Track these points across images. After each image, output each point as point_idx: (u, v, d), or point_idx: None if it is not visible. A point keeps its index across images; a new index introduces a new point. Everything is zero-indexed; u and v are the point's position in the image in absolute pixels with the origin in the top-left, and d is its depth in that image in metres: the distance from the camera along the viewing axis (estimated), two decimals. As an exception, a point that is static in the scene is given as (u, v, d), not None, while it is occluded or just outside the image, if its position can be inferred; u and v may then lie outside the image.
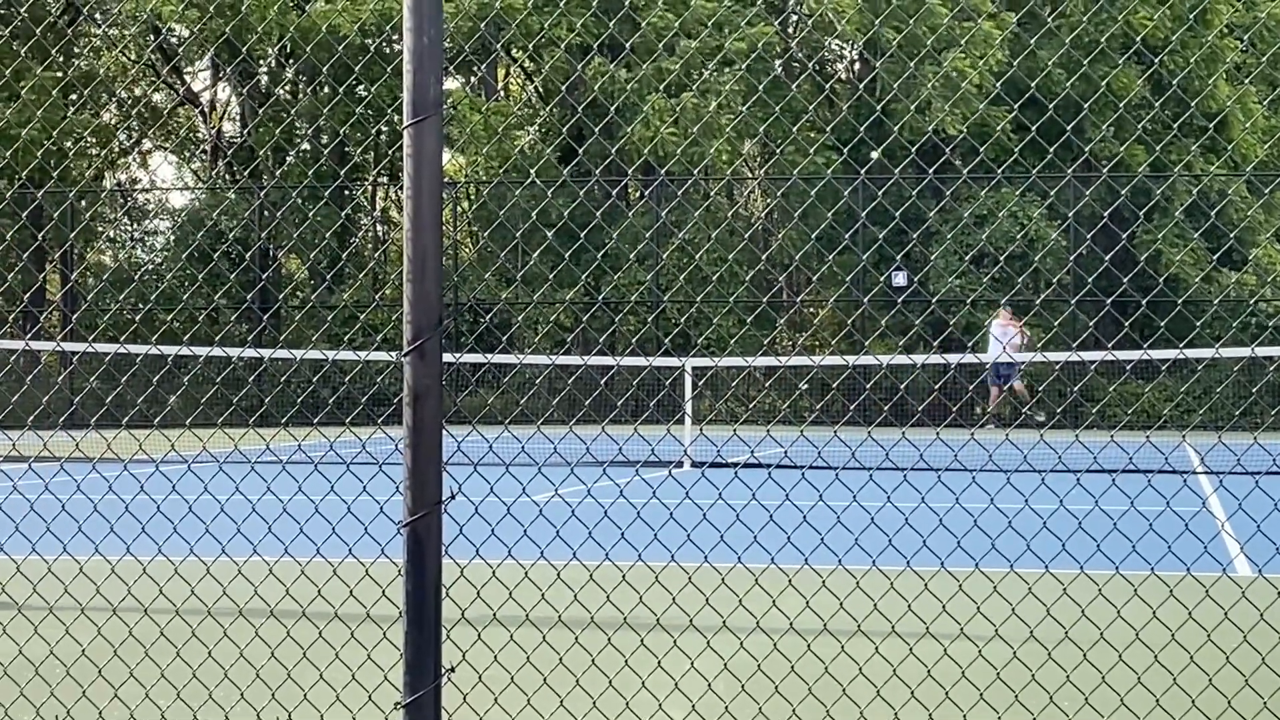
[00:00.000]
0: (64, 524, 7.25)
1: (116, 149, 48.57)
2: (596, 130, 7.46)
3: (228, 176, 49.11)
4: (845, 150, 7.23)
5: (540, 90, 48.04)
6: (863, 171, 32.10)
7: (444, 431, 4.79)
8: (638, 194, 44.88)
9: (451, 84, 46.46)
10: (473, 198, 45.55)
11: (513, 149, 42.83)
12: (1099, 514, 6.74)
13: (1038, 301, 7.55)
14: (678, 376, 26.95)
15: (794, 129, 38.53)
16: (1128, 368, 34.65)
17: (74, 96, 41.92)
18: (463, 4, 40.01)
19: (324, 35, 37.90)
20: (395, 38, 40.85)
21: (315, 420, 6.46)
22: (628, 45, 38.64)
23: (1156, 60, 22.90)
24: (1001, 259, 9.04)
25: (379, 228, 50.22)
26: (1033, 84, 11.88)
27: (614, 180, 40.37)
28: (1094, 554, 6.62)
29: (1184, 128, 40.85)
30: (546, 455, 6.37)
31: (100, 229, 47.16)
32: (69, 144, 42.40)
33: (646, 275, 40.23)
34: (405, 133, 4.72)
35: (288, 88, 47.17)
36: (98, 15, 46.08)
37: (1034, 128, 6.22)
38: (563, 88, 41.32)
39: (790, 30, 44.07)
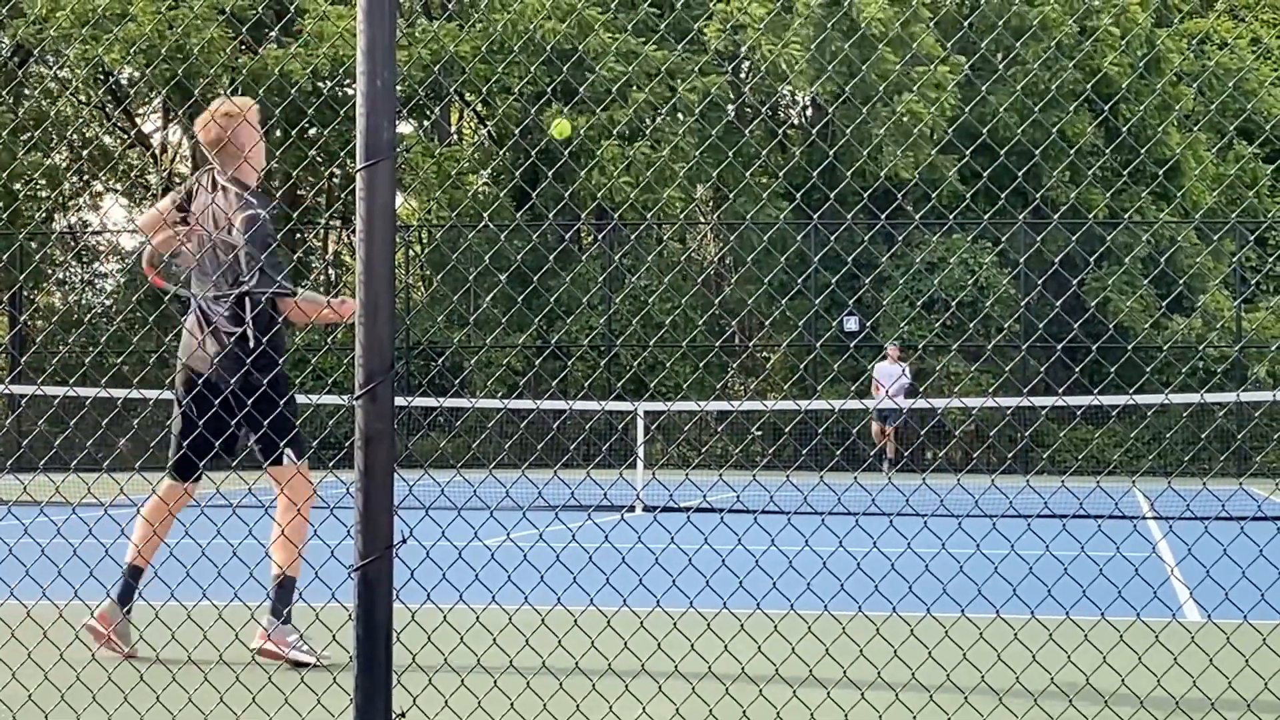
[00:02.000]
0: (11, 568, 7.20)
1: (67, 191, 48.39)
2: (550, 175, 7.48)
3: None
4: (798, 196, 7.25)
5: (493, 134, 48.09)
6: (815, 217, 32.16)
7: (395, 475, 4.78)
8: (590, 238, 44.92)
9: (405, 128, 46.46)
10: (425, 241, 45.52)
11: (466, 193, 42.84)
12: (1049, 559, 6.75)
13: (989, 347, 7.58)
14: (630, 420, 26.95)
15: (746, 175, 38.63)
16: (1078, 413, 34.78)
17: (24, 138, 41.77)
18: (416, 50, 40.03)
19: (276, 78, 37.87)
20: (349, 81, 40.84)
21: (265, 464, 6.43)
22: (580, 91, 38.72)
23: (1107, 107, 23.12)
24: (953, 305, 9.08)
25: (331, 271, 50.12)
26: (984, 130, 11.96)
27: (567, 225, 40.42)
28: (1044, 599, 6.64)
29: (1135, 174, 41.13)
30: (498, 499, 6.37)
31: (50, 271, 46.95)
32: (18, 186, 42.21)
33: (599, 320, 40.24)
34: (358, 176, 4.72)
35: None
36: (49, 57, 45.95)
37: (985, 174, 6.25)
38: (515, 132, 41.36)
39: (743, 76, 44.23)
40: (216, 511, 6.79)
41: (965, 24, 41.36)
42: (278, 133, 43.30)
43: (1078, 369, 5.59)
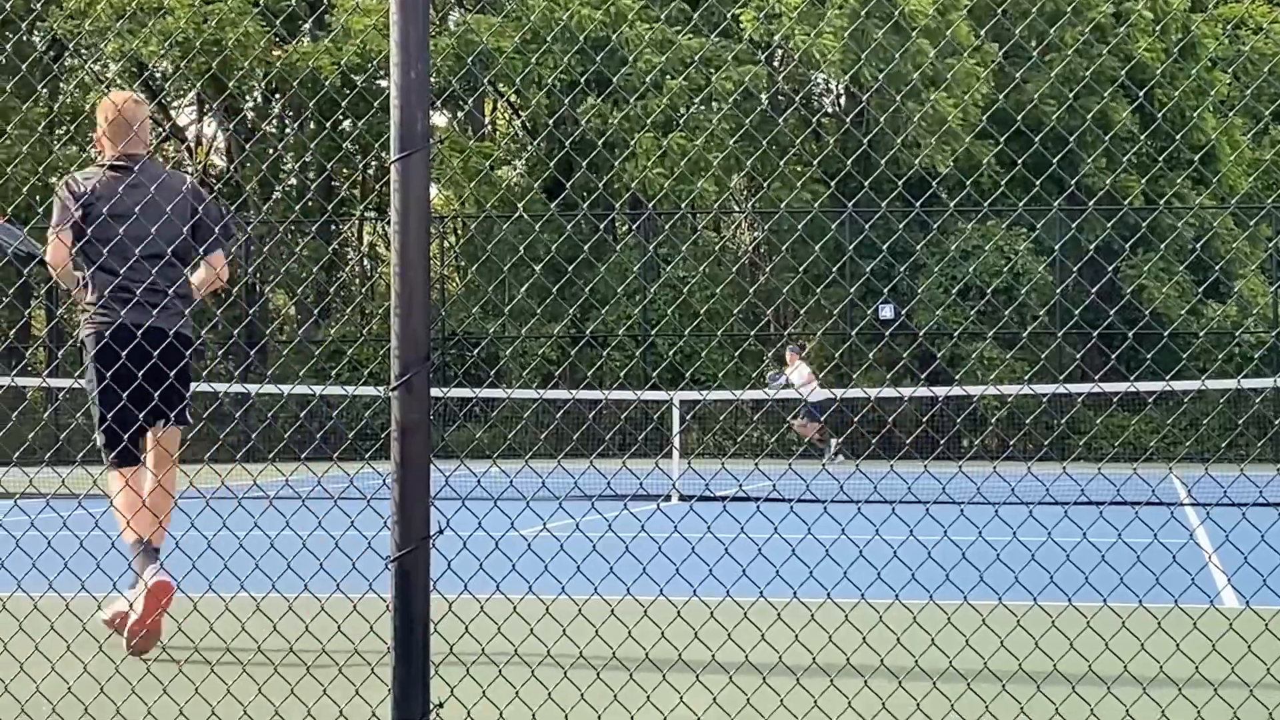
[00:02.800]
0: (50, 560, 7.23)
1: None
2: (584, 165, 7.48)
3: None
4: (833, 184, 7.24)
5: (527, 125, 48.10)
6: (850, 205, 32.11)
7: (431, 466, 4.79)
8: (625, 228, 44.92)
9: (438, 119, 46.50)
10: (460, 232, 45.57)
11: (500, 184, 42.87)
12: (1086, 546, 6.74)
13: (1024, 334, 7.56)
14: (666, 410, 26.94)
15: (781, 163, 38.58)
16: (1114, 400, 34.67)
17: (60, 131, 41.91)
18: (448, 41, 40.05)
19: (310, 72, 37.94)
20: (382, 73, 40.89)
21: (302, 456, 6.45)
22: (614, 82, 38.71)
23: (1142, 93, 22.98)
24: (988, 292, 9.07)
25: (366, 262, 50.22)
26: (1018, 117, 11.91)
27: (602, 215, 40.41)
28: (1081, 586, 6.61)
29: (1171, 160, 40.96)
30: (535, 489, 6.37)
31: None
32: (53, 179, 42.38)
33: (635, 309, 40.22)
34: (392, 168, 4.72)
35: (274, 123, 47.21)
36: (83, 51, 46.10)
37: (1020, 161, 6.23)
38: (549, 123, 41.37)
39: (777, 64, 44.17)
40: (253, 503, 6.81)
41: (1000, 10, 41.25)
42: (312, 125, 43.40)
43: (1114, 355, 5.56)
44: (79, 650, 7.08)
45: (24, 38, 43.34)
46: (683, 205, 39.90)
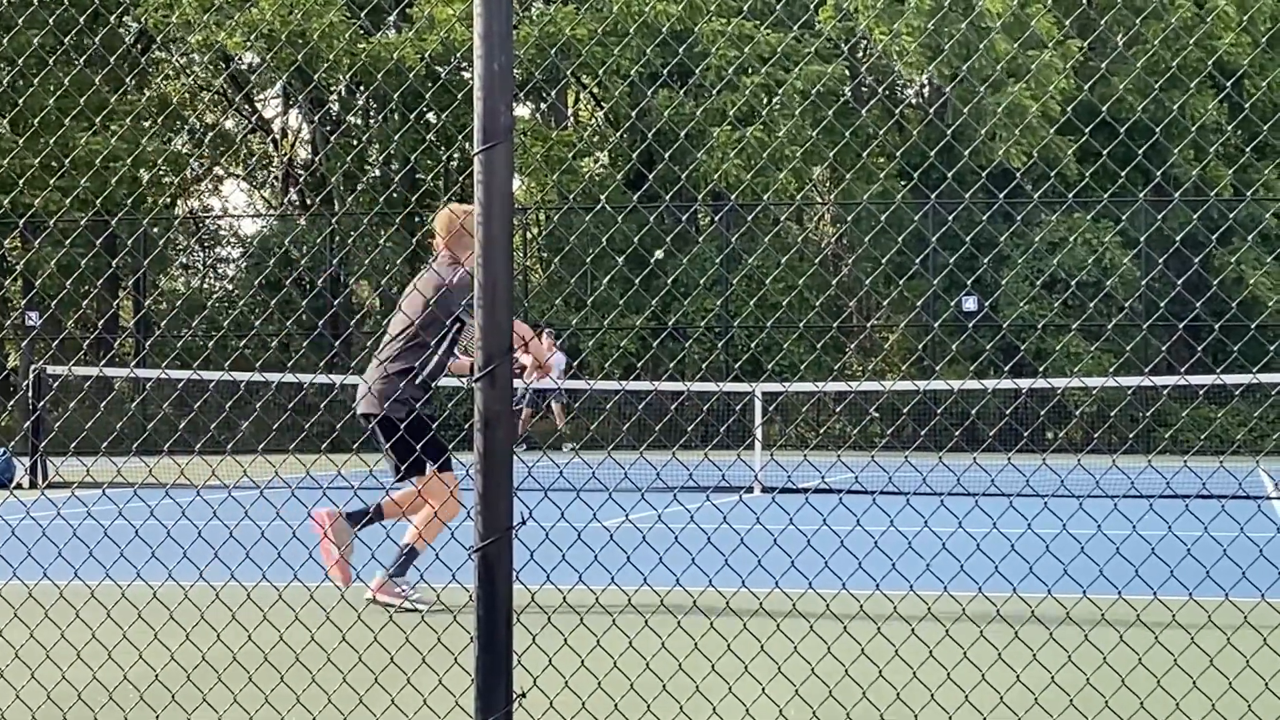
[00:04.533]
0: (137, 549, 7.30)
1: (189, 176, 48.93)
2: (665, 157, 7.47)
3: (299, 203, 49.41)
4: (915, 176, 7.21)
5: (609, 117, 48.15)
6: (933, 196, 31.97)
7: (515, 457, 4.81)
8: (707, 220, 44.90)
9: (521, 111, 46.62)
10: (542, 224, 45.68)
11: (581, 176, 42.95)
12: (1172, 539, 6.69)
13: (1109, 326, 7.52)
14: (748, 402, 26.91)
15: (863, 155, 38.47)
16: (1201, 392, 34.40)
17: (147, 124, 42.26)
18: (532, 32, 40.12)
19: (394, 63, 38.10)
20: (465, 65, 41.02)
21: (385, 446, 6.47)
22: (696, 74, 38.70)
23: (1229, 83, 22.81)
24: (1072, 284, 9.01)
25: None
26: (1103, 109, 11.87)
27: (683, 206, 40.40)
28: (1167, 579, 6.58)
29: (1260, 150, 40.59)
30: (617, 480, 6.39)
31: (172, 256, 47.49)
32: (142, 172, 42.74)
33: (716, 301, 40.21)
34: (476, 159, 4.74)
35: (358, 115, 47.44)
36: (170, 44, 46.46)
37: (1105, 153, 6.20)
38: (631, 114, 41.40)
39: (859, 55, 44.04)
40: (336, 494, 6.85)
41: (1086, 2, 40.96)
42: (396, 117, 43.58)
43: (1200, 348, 5.52)
44: (165, 638, 7.15)
45: (114, 29, 43.72)
46: (763, 197, 39.84)
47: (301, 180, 49.19)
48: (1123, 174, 6.22)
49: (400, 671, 6.64)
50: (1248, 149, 39.47)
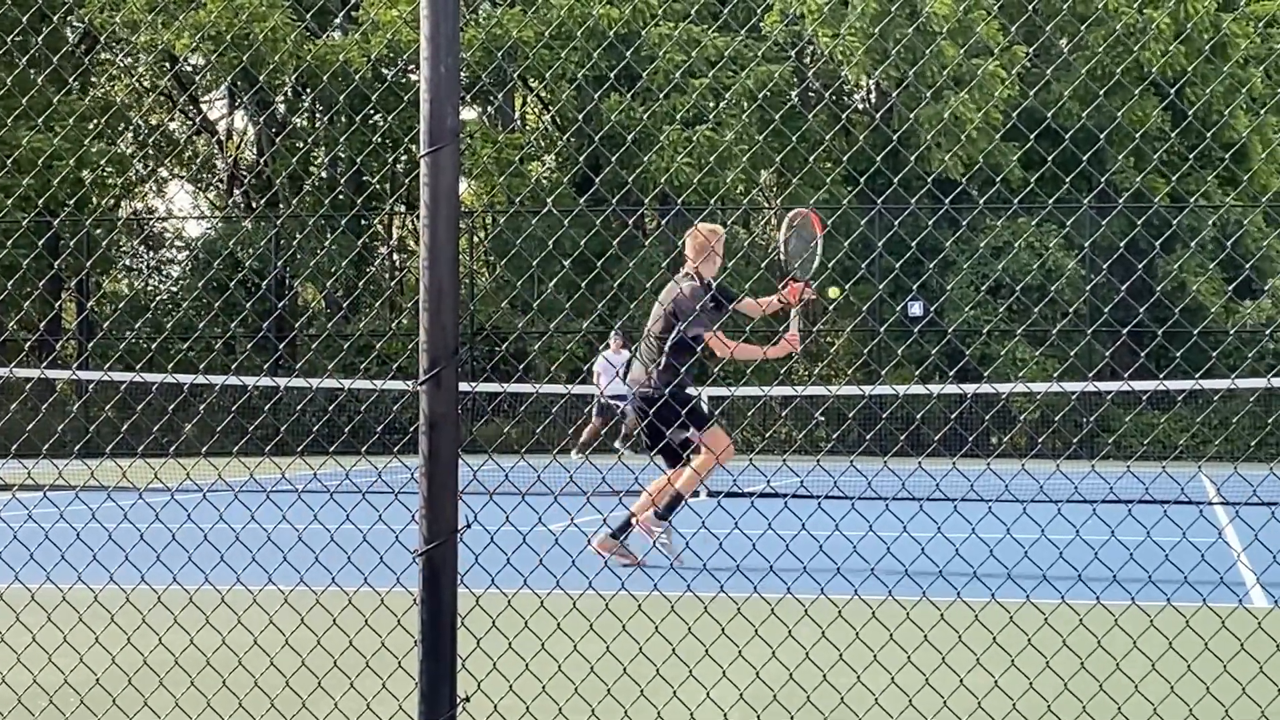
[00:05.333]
0: (78, 552, 7.25)
1: (133, 177, 48.68)
2: (613, 160, 7.47)
3: (244, 205, 49.22)
4: (861, 180, 7.24)
5: (556, 120, 48.12)
6: (879, 202, 32.06)
7: (459, 460, 4.79)
8: (654, 223, 44.91)
9: (468, 114, 46.55)
10: (489, 227, 45.60)
11: (528, 179, 42.91)
12: (1115, 544, 6.72)
13: (1054, 331, 7.54)
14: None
15: (810, 159, 38.54)
16: (1144, 398, 34.58)
17: (91, 125, 42.03)
18: (478, 35, 40.06)
19: (340, 65, 37.98)
20: (412, 67, 40.93)
21: (331, 449, 6.47)
22: (643, 78, 38.72)
23: (1173, 91, 23.03)
24: (1017, 289, 9.06)
25: (395, 256, 50.28)
26: (1049, 115, 11.93)
27: (630, 210, 40.40)
28: (1109, 584, 6.61)
29: (1201, 159, 40.82)
30: (562, 484, 6.38)
31: (116, 257, 47.24)
32: (85, 173, 42.50)
33: (662, 305, 40.13)
34: (422, 162, 4.73)
35: (304, 116, 47.29)
36: (115, 45, 46.22)
37: (1050, 159, 6.22)
38: (579, 118, 41.40)
39: (807, 61, 44.14)
40: (281, 497, 6.82)
41: (1030, 7, 41.13)
42: (342, 119, 43.45)
43: (1144, 353, 5.54)
44: (106, 642, 7.11)
45: (58, 29, 43.46)
46: (711, 201, 39.87)
47: (247, 182, 49.00)
48: (1067, 180, 6.24)
49: (344, 675, 6.61)
50: (1190, 156, 39.72)
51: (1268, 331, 37.63)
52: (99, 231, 43.27)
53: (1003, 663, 6.58)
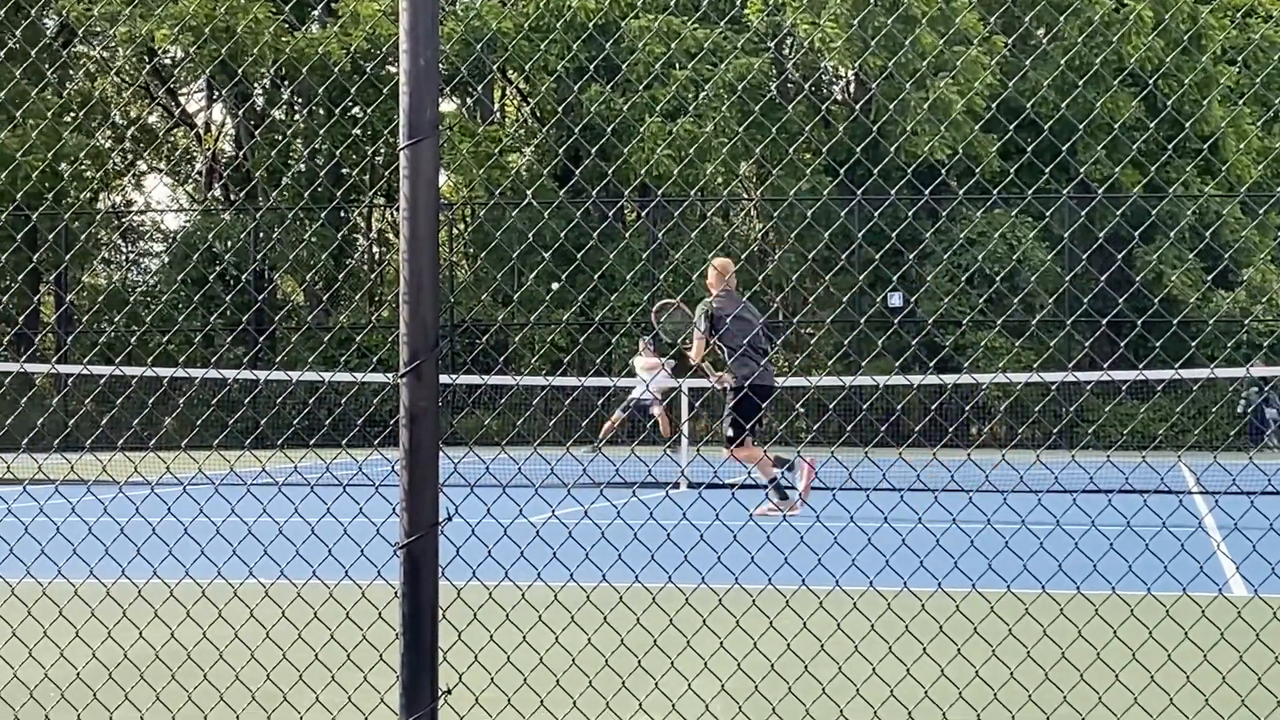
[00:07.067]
0: (59, 546, 7.24)
1: (111, 171, 48.55)
2: (592, 152, 7.48)
3: (223, 198, 49.11)
4: (841, 171, 7.22)
5: (536, 112, 48.10)
6: (859, 193, 32.13)
7: (440, 453, 4.79)
8: (634, 215, 44.91)
9: (447, 106, 46.49)
10: (469, 219, 45.57)
11: (508, 171, 42.87)
12: (1095, 534, 6.74)
13: (1033, 322, 7.55)
14: (674, 397, 26.89)
15: (790, 150, 38.55)
16: (1123, 388, 34.64)
17: (69, 118, 41.92)
18: (457, 27, 40.02)
19: (319, 58, 37.90)
20: (391, 60, 40.86)
21: (311, 442, 6.46)
22: (623, 70, 38.71)
23: (1150, 82, 23.03)
24: (996, 280, 9.07)
25: (375, 249, 50.23)
26: (1028, 105, 11.96)
27: (610, 201, 40.40)
28: (1090, 574, 6.62)
29: (1178, 149, 40.89)
30: (543, 476, 6.38)
31: (95, 251, 47.12)
32: (63, 166, 42.38)
33: (643, 296, 40.22)
34: (401, 154, 4.72)
35: (283, 109, 47.20)
36: (92, 38, 46.09)
37: (1029, 149, 6.22)
38: (559, 109, 41.38)
39: (786, 52, 44.14)
40: (261, 490, 6.81)
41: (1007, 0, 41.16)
42: (321, 112, 43.39)
43: (1123, 344, 5.57)
44: (86, 636, 7.10)
45: (35, 23, 43.33)
46: (690, 192, 39.88)
47: (226, 175, 48.89)
48: (1046, 170, 6.25)
49: (325, 669, 6.61)
50: (1169, 147, 39.83)
51: (1246, 321, 37.72)
52: (77, 225, 43.17)
53: (984, 652, 6.59)
